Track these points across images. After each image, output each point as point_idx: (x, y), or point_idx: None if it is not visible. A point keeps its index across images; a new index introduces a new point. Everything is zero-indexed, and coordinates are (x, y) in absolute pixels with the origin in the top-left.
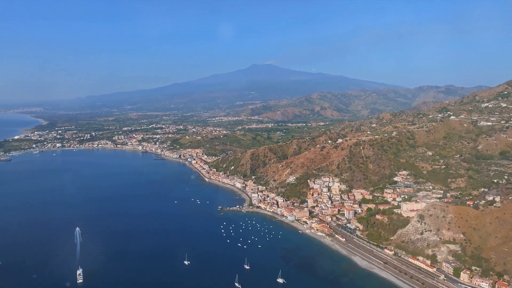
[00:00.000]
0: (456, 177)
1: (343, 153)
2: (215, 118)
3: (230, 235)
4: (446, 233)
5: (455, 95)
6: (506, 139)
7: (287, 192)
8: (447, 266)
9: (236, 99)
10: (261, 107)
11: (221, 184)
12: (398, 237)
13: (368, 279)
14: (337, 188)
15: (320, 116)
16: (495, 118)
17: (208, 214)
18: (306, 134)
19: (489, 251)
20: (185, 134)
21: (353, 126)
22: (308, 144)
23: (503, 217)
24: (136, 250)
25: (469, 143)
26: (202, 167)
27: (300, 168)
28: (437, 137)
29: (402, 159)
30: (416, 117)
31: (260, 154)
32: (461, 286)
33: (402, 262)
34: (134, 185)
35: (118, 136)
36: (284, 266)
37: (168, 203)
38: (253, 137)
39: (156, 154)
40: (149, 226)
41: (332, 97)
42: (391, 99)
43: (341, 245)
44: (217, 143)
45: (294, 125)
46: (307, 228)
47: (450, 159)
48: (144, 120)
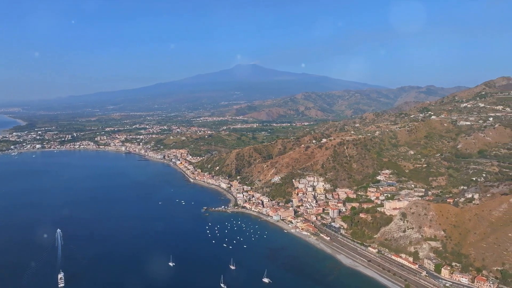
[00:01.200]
0: (437, 176)
1: (328, 152)
2: (200, 118)
3: (215, 235)
4: (427, 231)
5: (436, 95)
6: (484, 138)
7: (272, 192)
8: (428, 263)
9: (220, 99)
10: (246, 107)
11: (206, 184)
12: (382, 235)
13: (352, 277)
14: (321, 188)
15: (305, 116)
16: (474, 118)
17: (193, 215)
18: (291, 134)
19: (468, 247)
20: (169, 135)
21: (337, 126)
22: (293, 144)
23: (481, 214)
24: (120, 253)
25: (449, 142)
26: (187, 167)
27: (285, 168)
28: (418, 136)
29: (385, 158)
30: (398, 117)
31: (245, 154)
32: (442, 282)
33: (385, 259)
34: (117, 187)
35: (100, 137)
36: (269, 266)
37: (152, 204)
38: (238, 137)
39: (140, 155)
40: (133, 228)
41: (316, 97)
42: (373, 99)
43: (326, 244)
44: (202, 144)
45: (279, 125)
46: (292, 228)
47: (431, 158)
48: (127, 120)
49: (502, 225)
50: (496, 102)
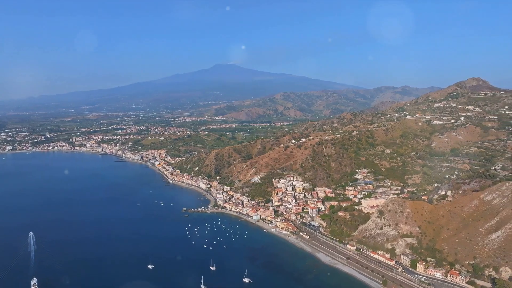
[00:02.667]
0: (412, 174)
1: (307, 152)
2: (178, 118)
3: (195, 236)
4: (403, 227)
5: (410, 95)
6: (456, 137)
7: (252, 191)
8: (404, 259)
9: (199, 99)
10: (225, 107)
11: (185, 185)
12: (360, 232)
13: (331, 274)
14: (301, 187)
15: (284, 116)
16: (446, 118)
17: (172, 217)
18: (270, 134)
19: (442, 242)
20: (147, 135)
21: (315, 125)
22: (272, 144)
23: (454, 210)
24: (96, 257)
25: (423, 141)
26: (166, 168)
27: (265, 167)
28: (394, 135)
29: (362, 157)
30: (375, 116)
31: (224, 155)
32: (418, 277)
33: (363, 256)
34: (93, 189)
35: (75, 138)
36: (250, 266)
37: (130, 206)
38: (217, 137)
39: (117, 156)
40: (110, 231)
41: (295, 97)
42: (351, 99)
43: (305, 243)
44: (180, 144)
45: (258, 125)
46: (272, 227)
47: (406, 157)
48: (103, 120)
49: (473, 221)
50: (467, 102)
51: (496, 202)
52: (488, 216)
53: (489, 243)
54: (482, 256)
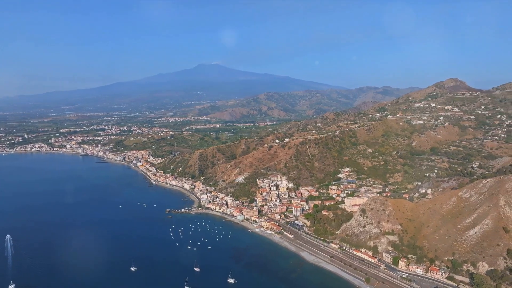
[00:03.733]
0: (393, 172)
1: (290, 152)
2: (161, 118)
3: (179, 238)
4: (385, 225)
5: (392, 96)
6: (435, 136)
7: (236, 192)
8: (387, 256)
9: (182, 99)
10: (209, 107)
11: (168, 186)
12: (343, 231)
13: (315, 273)
14: (285, 186)
15: (268, 116)
16: (426, 117)
17: (155, 218)
18: (254, 134)
19: (422, 239)
20: (129, 136)
21: (299, 125)
22: (256, 143)
23: (433, 207)
24: (77, 261)
25: (404, 140)
26: (149, 169)
27: (249, 167)
28: (376, 135)
29: (345, 156)
30: (357, 116)
31: (208, 155)
32: (399, 273)
33: (347, 254)
34: (73, 191)
35: (55, 139)
36: (234, 266)
37: (112, 208)
38: (201, 138)
39: (98, 157)
40: (91, 233)
41: (278, 97)
42: (334, 99)
43: (289, 242)
44: (163, 144)
45: (242, 125)
46: (256, 227)
47: (388, 156)
48: (84, 121)
49: (452, 218)
50: (446, 102)
51: (473, 199)
52: (466, 213)
53: (467, 239)
54: (460, 252)
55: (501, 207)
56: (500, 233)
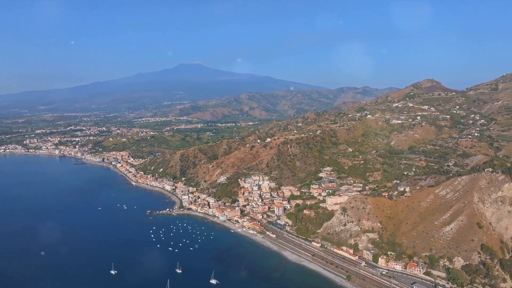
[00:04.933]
0: (373, 171)
1: (272, 152)
2: (141, 119)
3: (160, 239)
4: (366, 223)
5: (371, 96)
6: (413, 136)
7: (218, 192)
8: (367, 253)
9: (163, 99)
10: (190, 107)
11: (149, 187)
12: (324, 229)
13: (297, 272)
14: (267, 186)
15: (249, 116)
16: (404, 117)
17: (136, 220)
18: (236, 134)
19: (401, 236)
20: (108, 136)
21: (280, 125)
22: (238, 144)
23: (412, 205)
24: (55, 266)
25: (383, 140)
26: (129, 170)
27: (231, 167)
28: (356, 134)
29: (326, 156)
30: (338, 116)
31: (190, 155)
32: (379, 270)
33: (328, 253)
34: (50, 194)
35: (30, 140)
36: (217, 267)
37: (91, 211)
38: (182, 138)
39: (76, 158)
40: (69, 238)
41: (260, 97)
42: (315, 99)
43: (272, 241)
44: (144, 145)
45: (224, 125)
46: (239, 227)
47: (367, 155)
48: (61, 121)
49: (429, 215)
50: (423, 102)
51: (449, 197)
52: (443, 210)
53: (444, 235)
54: (437, 248)
55: (475, 203)
56: (475, 228)
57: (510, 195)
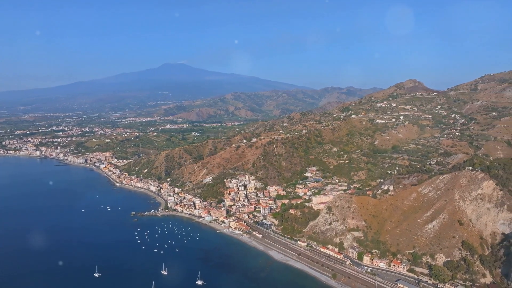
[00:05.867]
0: (357, 170)
1: (258, 151)
2: (126, 119)
3: (145, 241)
4: (351, 222)
5: (355, 96)
6: (396, 135)
7: (204, 192)
8: (352, 252)
9: (147, 99)
10: (175, 107)
11: (134, 188)
12: (310, 229)
13: (284, 271)
14: (253, 186)
15: (235, 116)
16: (388, 117)
17: (120, 221)
18: (222, 134)
19: (385, 234)
20: (91, 137)
21: (266, 125)
22: (223, 144)
23: (395, 203)
24: (37, 269)
25: (367, 139)
26: (112, 171)
27: (217, 168)
28: (341, 134)
29: (311, 155)
30: (323, 116)
31: (175, 156)
32: (364, 268)
33: (314, 252)
34: (31, 196)
35: (9, 141)
36: (203, 268)
37: (74, 213)
38: (167, 138)
39: (58, 160)
40: (52, 241)
41: (245, 97)
42: (300, 99)
43: (258, 241)
44: (128, 146)
45: (209, 125)
46: (225, 228)
47: (352, 154)
48: (42, 122)
49: (412, 213)
50: (406, 102)
51: (431, 195)
52: (425, 208)
53: (426, 233)
54: (420, 245)
55: (456, 201)
56: (456, 225)
57: (489, 193)
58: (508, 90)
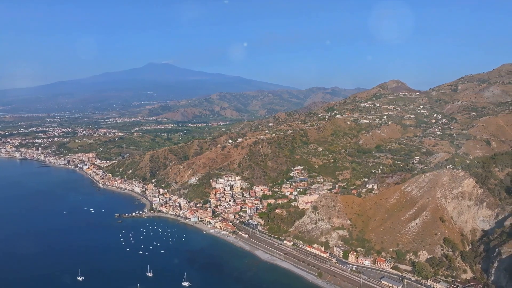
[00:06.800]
0: (342, 170)
1: (244, 152)
2: (109, 119)
3: (130, 243)
4: (336, 221)
5: (339, 96)
6: (380, 135)
7: (189, 193)
8: (337, 250)
9: (132, 99)
10: (160, 107)
11: (118, 189)
12: (296, 228)
13: (270, 271)
14: (238, 186)
15: (220, 116)
16: (372, 116)
17: (104, 223)
18: (207, 134)
19: (370, 232)
20: (74, 138)
21: (252, 125)
22: (209, 144)
23: (379, 202)
24: (18, 274)
25: (352, 139)
26: (96, 172)
27: (202, 168)
28: (326, 134)
29: (297, 155)
30: (308, 116)
31: (160, 156)
32: (349, 266)
33: (300, 251)
34: (11, 199)
35: None
36: (189, 269)
37: (56, 216)
38: (152, 139)
39: (39, 161)
40: (33, 244)
41: (231, 97)
42: (285, 99)
43: (244, 241)
44: (112, 146)
45: (195, 126)
46: (211, 228)
47: (337, 154)
48: (22, 122)
49: (396, 211)
50: (389, 102)
51: (414, 193)
52: (408, 206)
53: (409, 230)
54: (404, 243)
55: (438, 199)
56: (438, 223)
57: (469, 191)
58: (487, 91)
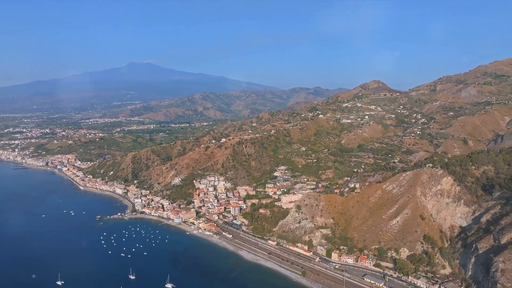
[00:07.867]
0: (325, 169)
1: (227, 152)
2: (89, 119)
3: (111, 246)
4: (319, 220)
5: (322, 96)
6: (362, 134)
7: (172, 194)
8: (321, 249)
9: (113, 99)
10: (142, 107)
11: (99, 191)
12: (280, 227)
13: (254, 270)
14: (222, 187)
15: (204, 116)
16: (353, 116)
17: (85, 226)
18: (190, 135)
19: (352, 231)
20: (53, 139)
21: (235, 125)
22: (192, 144)
23: (361, 200)
24: None
25: (334, 139)
26: (76, 174)
27: (185, 169)
28: (309, 134)
29: (280, 155)
30: (291, 116)
31: (142, 157)
32: (332, 264)
33: (284, 250)
34: None
35: None
36: (172, 270)
37: (34, 219)
38: (134, 139)
39: (16, 163)
40: (8, 249)
41: (214, 97)
42: (268, 99)
43: (228, 242)
44: (92, 147)
45: (178, 126)
46: (194, 229)
47: (320, 153)
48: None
49: (378, 209)
50: (370, 102)
51: (395, 191)
52: (390, 204)
53: (391, 228)
54: (385, 240)
55: (418, 197)
56: (418, 220)
57: (448, 188)
58: (464, 91)
